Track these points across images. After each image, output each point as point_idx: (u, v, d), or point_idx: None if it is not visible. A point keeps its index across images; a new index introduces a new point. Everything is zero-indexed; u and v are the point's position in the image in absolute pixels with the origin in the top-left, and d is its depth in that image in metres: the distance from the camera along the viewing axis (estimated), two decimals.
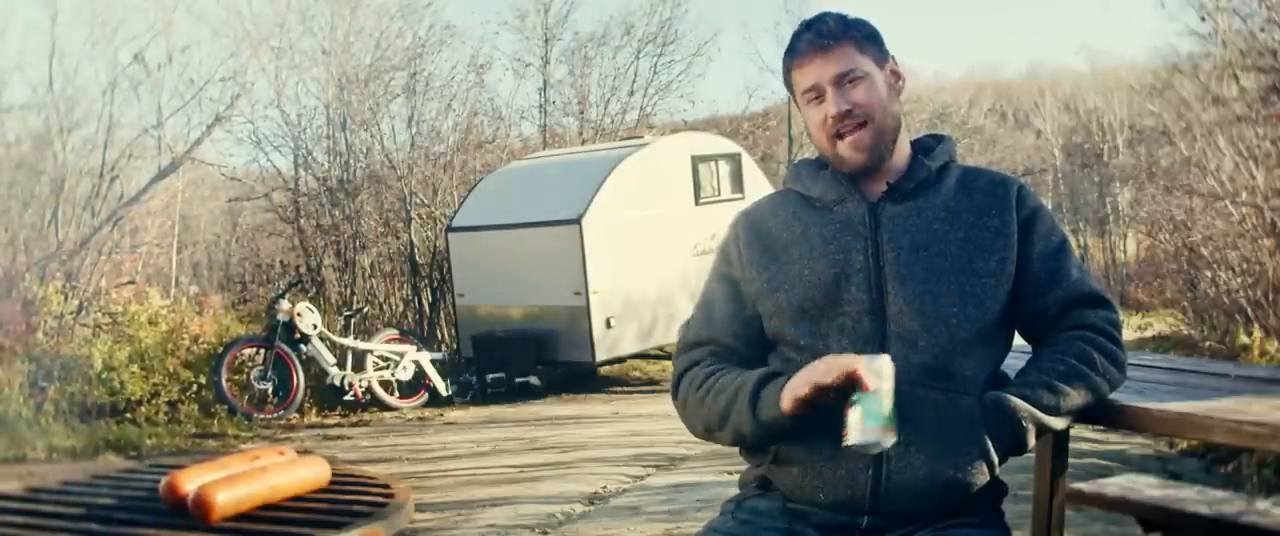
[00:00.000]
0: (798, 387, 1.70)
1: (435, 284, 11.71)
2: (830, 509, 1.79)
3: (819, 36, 1.84)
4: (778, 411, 1.73)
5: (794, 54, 1.88)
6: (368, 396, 8.86)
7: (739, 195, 10.33)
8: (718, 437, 1.87)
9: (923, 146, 1.94)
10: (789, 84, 1.92)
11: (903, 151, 1.91)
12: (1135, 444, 6.14)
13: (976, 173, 1.93)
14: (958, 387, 1.77)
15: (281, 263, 13.06)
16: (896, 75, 1.90)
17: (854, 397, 1.65)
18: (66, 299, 8.89)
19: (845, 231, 1.85)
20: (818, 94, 1.85)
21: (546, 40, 15.15)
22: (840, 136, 1.84)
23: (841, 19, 1.87)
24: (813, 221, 1.89)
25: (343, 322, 9.29)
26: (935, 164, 1.89)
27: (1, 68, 9.72)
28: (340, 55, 12.42)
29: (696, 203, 10.11)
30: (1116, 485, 2.96)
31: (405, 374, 9.05)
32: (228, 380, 8.21)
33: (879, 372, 1.65)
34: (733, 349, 1.91)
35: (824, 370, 1.68)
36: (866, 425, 1.63)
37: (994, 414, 1.77)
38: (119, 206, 9.98)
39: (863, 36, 1.86)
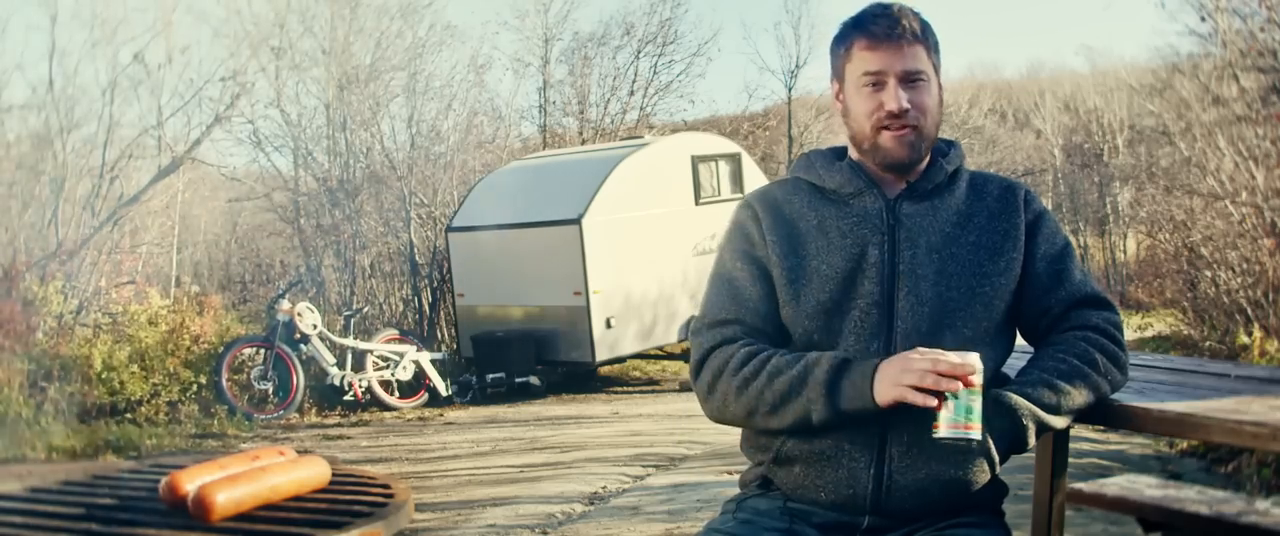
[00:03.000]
0: (900, 379, 1.65)
1: (435, 284, 11.71)
2: (831, 508, 1.79)
3: (901, 26, 1.80)
4: (869, 402, 1.69)
5: (868, 34, 1.82)
6: (368, 396, 8.86)
7: (739, 195, 10.34)
8: (757, 422, 1.80)
9: (937, 150, 1.94)
10: (844, 58, 1.86)
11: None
12: (1135, 444, 6.15)
13: (986, 177, 1.94)
14: None
15: (281, 262, 13.07)
16: (941, 88, 1.90)
17: (945, 393, 1.65)
18: (66, 299, 8.89)
19: (862, 225, 1.85)
20: (877, 82, 1.81)
21: (546, 40, 15.17)
22: (886, 128, 1.82)
23: (921, 18, 1.84)
24: (830, 214, 1.87)
25: (343, 322, 9.29)
26: (950, 167, 1.90)
27: (1, 68, 9.73)
28: (340, 55, 12.42)
29: (696, 203, 10.12)
30: (1116, 485, 2.95)
31: (405, 374, 9.06)
32: (228, 380, 8.21)
33: (973, 370, 1.65)
34: (761, 330, 1.85)
35: (922, 369, 1.64)
36: (954, 419, 1.64)
37: (994, 411, 1.76)
38: (119, 206, 9.99)
39: (933, 44, 1.85)
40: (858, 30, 1.83)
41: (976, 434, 1.65)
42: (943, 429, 1.65)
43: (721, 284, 1.88)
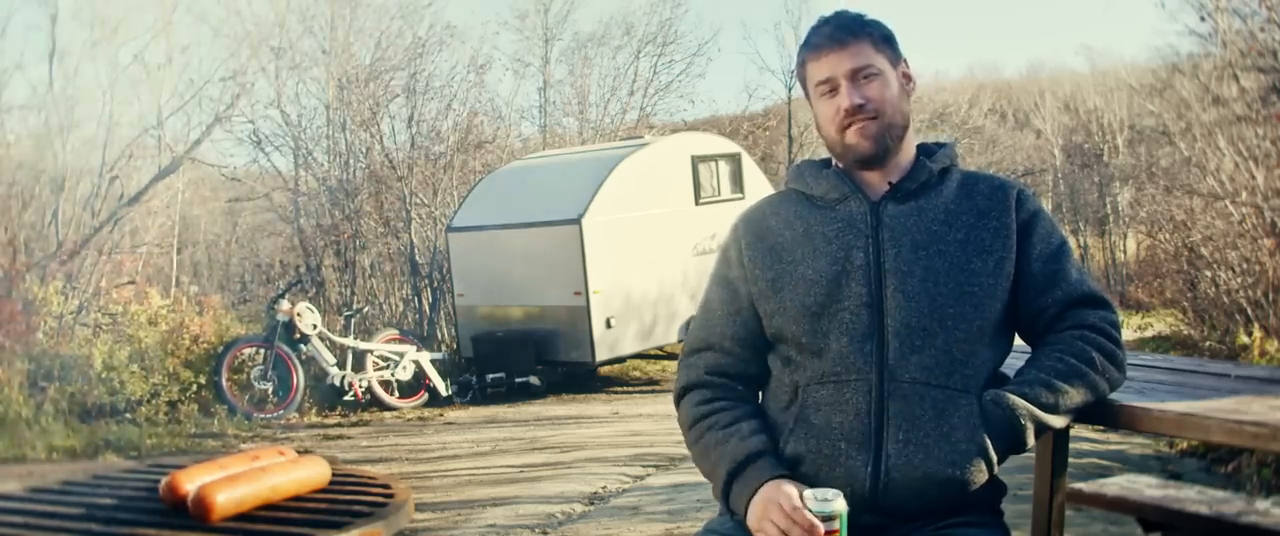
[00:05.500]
0: (762, 522, 1.71)
1: (435, 284, 11.71)
2: None
3: (838, 31, 1.87)
4: (742, 515, 1.77)
5: (811, 47, 1.90)
6: (368, 396, 8.86)
7: (739, 195, 10.33)
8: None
9: (926, 150, 1.96)
10: (802, 76, 1.94)
11: (908, 152, 1.92)
12: (1135, 444, 6.14)
13: (978, 177, 1.95)
14: (957, 386, 1.78)
15: (281, 262, 13.06)
16: (907, 77, 1.93)
17: None
18: (66, 299, 8.89)
19: (847, 230, 1.87)
20: (832, 87, 1.88)
21: (546, 40, 15.20)
22: (849, 126, 1.87)
23: (860, 17, 1.90)
24: (815, 220, 1.90)
25: (343, 322, 9.29)
26: (938, 166, 1.91)
27: (1, 68, 9.73)
28: (340, 55, 12.43)
29: (696, 203, 10.11)
30: (1116, 485, 2.95)
31: (405, 374, 9.05)
32: (228, 380, 8.21)
33: (830, 516, 1.64)
34: (730, 351, 1.93)
35: (777, 523, 1.68)
36: None
37: (993, 412, 1.77)
38: (119, 206, 9.99)
39: (879, 36, 1.89)
40: (804, 46, 1.92)
41: None
42: None
43: (701, 309, 2.01)
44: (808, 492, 1.67)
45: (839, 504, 1.64)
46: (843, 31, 1.87)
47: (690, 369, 1.97)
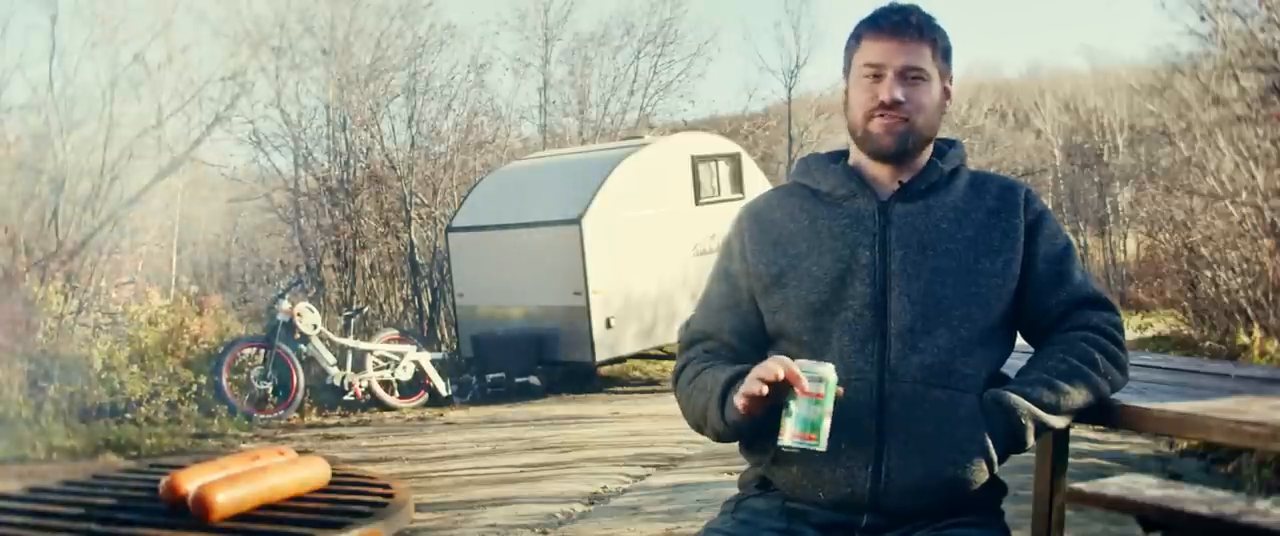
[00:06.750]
0: (745, 388, 1.72)
1: (435, 284, 11.71)
2: (829, 507, 1.79)
3: (905, 23, 1.84)
4: (737, 413, 1.75)
5: (874, 26, 1.85)
6: (368, 396, 8.86)
7: (739, 195, 10.33)
8: (706, 433, 1.89)
9: (937, 150, 1.94)
10: (851, 50, 1.89)
11: (923, 158, 1.91)
12: (1135, 444, 6.14)
13: (987, 177, 1.95)
14: (958, 386, 1.78)
15: (281, 262, 13.07)
16: (948, 93, 1.91)
17: (788, 399, 1.68)
18: (66, 299, 8.88)
19: (854, 227, 1.86)
20: (877, 74, 1.84)
21: (546, 40, 15.19)
22: (878, 117, 1.84)
23: (932, 19, 1.87)
24: (821, 215, 1.89)
25: (343, 322, 9.29)
26: (948, 166, 1.90)
27: (1, 68, 9.72)
28: (340, 55, 12.42)
29: (696, 203, 10.11)
30: (1116, 485, 2.95)
31: (405, 374, 9.05)
32: (228, 380, 8.20)
33: (818, 379, 1.67)
34: (730, 345, 1.91)
35: (762, 372, 1.69)
36: (794, 429, 1.67)
37: (994, 411, 1.77)
38: (119, 206, 9.97)
39: (942, 46, 1.87)
40: (867, 24, 1.87)
41: (810, 447, 1.67)
42: (784, 437, 1.69)
43: (701, 300, 1.99)
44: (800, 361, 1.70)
45: (828, 372, 1.67)
46: (910, 26, 1.83)
47: (682, 358, 1.96)
